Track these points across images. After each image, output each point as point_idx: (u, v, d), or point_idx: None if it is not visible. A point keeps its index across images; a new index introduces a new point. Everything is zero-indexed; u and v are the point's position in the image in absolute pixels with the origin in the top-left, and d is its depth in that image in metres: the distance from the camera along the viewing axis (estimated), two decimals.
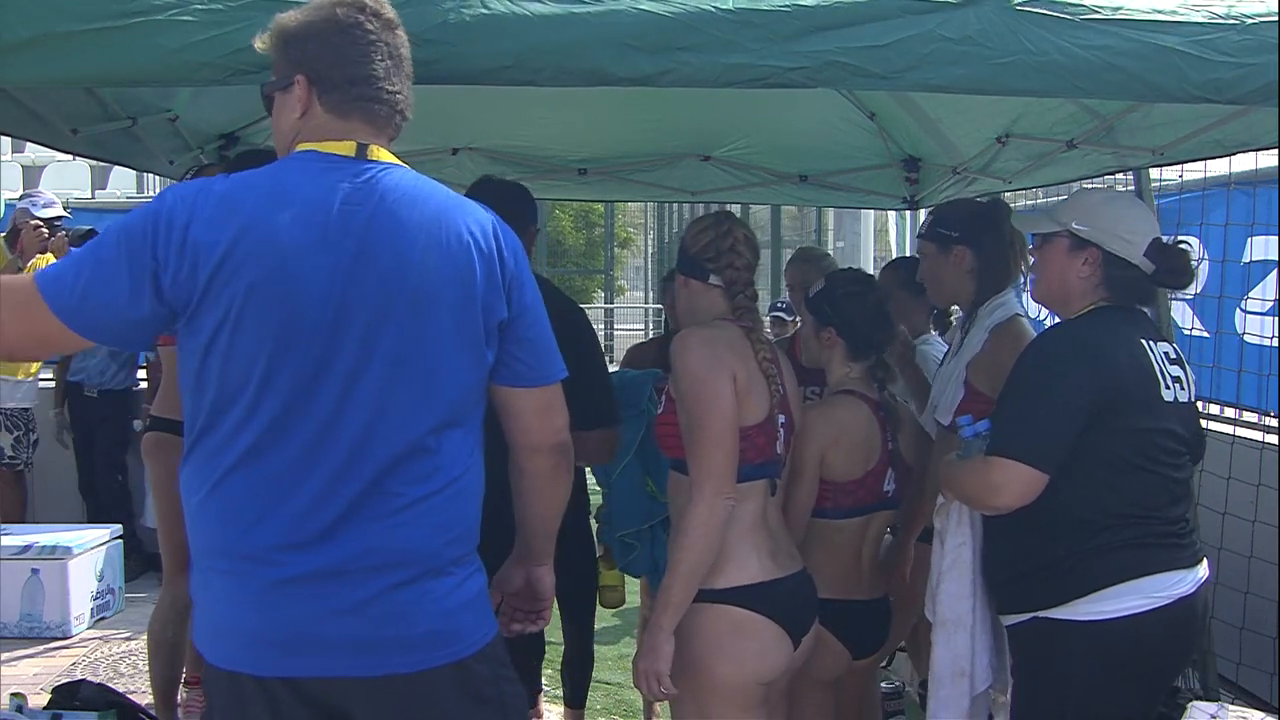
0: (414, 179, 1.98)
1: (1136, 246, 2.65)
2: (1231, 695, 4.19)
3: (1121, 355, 2.58)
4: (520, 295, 2.03)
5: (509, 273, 2.00)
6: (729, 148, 5.41)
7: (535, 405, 2.09)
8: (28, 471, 6.39)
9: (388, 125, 2.00)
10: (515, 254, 2.03)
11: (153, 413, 4.03)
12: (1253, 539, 4.24)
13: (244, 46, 2.04)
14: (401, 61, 1.99)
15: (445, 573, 1.93)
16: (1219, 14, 2.25)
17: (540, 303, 2.09)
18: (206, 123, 4.46)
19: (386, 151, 1.99)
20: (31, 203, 6.19)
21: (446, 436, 1.94)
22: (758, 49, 2.15)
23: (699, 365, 2.59)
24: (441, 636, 1.92)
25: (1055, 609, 2.57)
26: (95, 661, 5.15)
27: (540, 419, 2.10)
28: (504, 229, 2.02)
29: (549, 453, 2.13)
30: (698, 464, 2.56)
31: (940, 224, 3.33)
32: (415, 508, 1.90)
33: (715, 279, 2.74)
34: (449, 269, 1.92)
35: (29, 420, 6.35)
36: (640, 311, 21.83)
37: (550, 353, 2.10)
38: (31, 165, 11.08)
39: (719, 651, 2.58)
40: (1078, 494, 2.53)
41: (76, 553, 5.52)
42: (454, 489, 1.95)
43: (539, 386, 2.08)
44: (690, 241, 2.80)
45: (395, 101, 1.99)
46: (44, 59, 2.07)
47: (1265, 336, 4.99)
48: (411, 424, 1.90)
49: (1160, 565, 2.56)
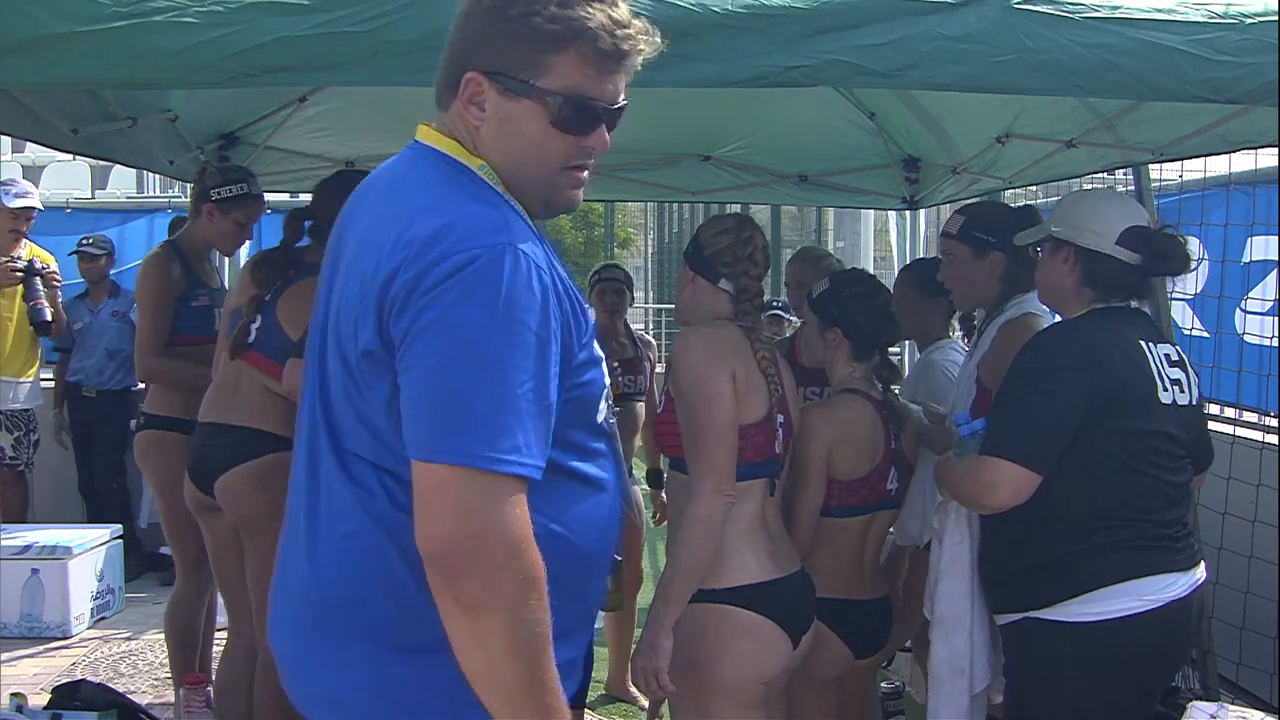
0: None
1: (1106, 237, 2.65)
2: (1231, 695, 4.19)
3: (1117, 355, 2.58)
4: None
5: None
6: (729, 148, 5.41)
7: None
8: (29, 472, 6.37)
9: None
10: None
11: (145, 409, 4.03)
12: (1253, 539, 4.24)
13: (244, 49, 2.03)
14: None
15: None
16: (1218, 13, 2.26)
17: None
18: (206, 122, 4.47)
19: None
20: (5, 191, 6.00)
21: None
22: (759, 48, 2.15)
23: (699, 364, 2.59)
24: None
25: (1046, 609, 2.57)
26: (95, 661, 5.14)
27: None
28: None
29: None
30: (697, 462, 2.56)
31: (976, 228, 3.22)
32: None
33: (726, 284, 2.73)
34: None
35: (30, 421, 6.32)
36: (640, 311, 21.83)
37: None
38: (31, 165, 11.06)
39: (719, 651, 2.58)
40: (1070, 494, 2.53)
41: (76, 553, 5.52)
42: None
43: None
44: (707, 240, 2.77)
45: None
46: (44, 60, 2.07)
47: (1265, 336, 5.00)
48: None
49: (1152, 568, 2.55)
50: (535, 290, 1.54)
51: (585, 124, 1.68)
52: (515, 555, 1.50)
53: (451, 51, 1.70)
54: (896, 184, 5.44)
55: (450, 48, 1.70)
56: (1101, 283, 2.67)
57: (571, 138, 1.68)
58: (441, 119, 1.73)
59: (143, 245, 8.05)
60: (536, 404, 1.53)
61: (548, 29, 1.61)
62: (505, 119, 1.65)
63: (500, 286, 1.51)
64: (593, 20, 1.62)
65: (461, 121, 1.69)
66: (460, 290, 1.50)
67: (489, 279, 1.51)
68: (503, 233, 1.55)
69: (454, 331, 1.50)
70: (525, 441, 1.51)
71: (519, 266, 1.53)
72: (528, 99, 1.64)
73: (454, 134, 1.70)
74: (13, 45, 2.05)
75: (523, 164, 1.68)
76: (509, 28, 1.62)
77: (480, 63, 1.65)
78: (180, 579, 4.09)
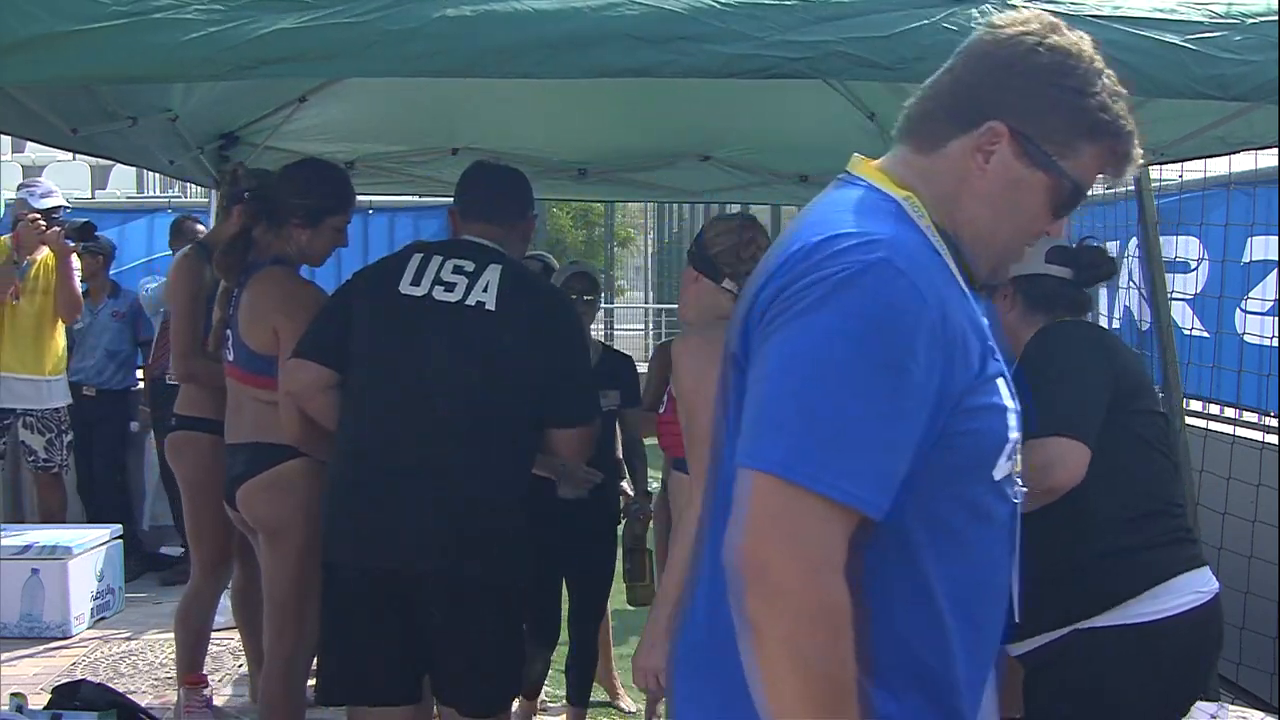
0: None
1: (1035, 258, 2.67)
2: (1231, 695, 4.19)
3: (1112, 342, 2.66)
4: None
5: None
6: (729, 148, 5.41)
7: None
8: (64, 473, 6.25)
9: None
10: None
11: (178, 411, 4.05)
12: (1253, 539, 4.23)
13: (241, 42, 2.05)
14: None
15: None
16: (1218, 13, 2.27)
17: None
18: (206, 122, 4.46)
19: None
20: (29, 193, 6.01)
21: None
22: (760, 39, 2.15)
23: (699, 364, 2.59)
24: None
25: (1097, 617, 2.48)
26: (95, 661, 5.14)
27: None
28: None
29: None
30: (697, 462, 2.56)
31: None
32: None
33: (729, 283, 2.73)
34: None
35: (61, 421, 6.14)
36: (640, 311, 21.85)
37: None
38: (31, 165, 11.11)
39: None
40: (1100, 487, 2.46)
41: (76, 553, 5.51)
42: None
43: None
44: (711, 241, 2.77)
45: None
46: (44, 59, 2.08)
47: (1265, 336, 4.99)
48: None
49: (1191, 562, 2.54)
50: (909, 315, 1.39)
51: (1067, 211, 1.62)
52: (809, 585, 1.33)
53: (968, 90, 1.58)
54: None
55: (964, 83, 1.58)
56: (1044, 302, 2.70)
57: (1052, 220, 1.62)
58: (896, 153, 1.65)
59: (142, 245, 8.08)
60: (882, 434, 1.38)
61: (1097, 116, 1.54)
62: (1012, 182, 1.55)
63: (865, 299, 1.38)
64: (1128, 125, 1.56)
65: (942, 161, 1.58)
66: (818, 295, 1.39)
67: (855, 289, 1.38)
68: (884, 249, 1.42)
69: (803, 337, 1.39)
70: (857, 469, 1.36)
71: (895, 285, 1.39)
72: (1043, 172, 1.55)
73: (888, 168, 1.63)
74: (13, 45, 2.06)
75: (1002, 229, 1.59)
76: (1058, 96, 1.53)
77: (1010, 117, 1.54)
78: (197, 578, 4.10)
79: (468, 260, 2.90)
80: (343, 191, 3.49)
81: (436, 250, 2.96)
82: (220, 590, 4.20)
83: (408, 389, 2.84)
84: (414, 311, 2.85)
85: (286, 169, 3.56)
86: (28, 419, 6.06)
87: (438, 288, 2.86)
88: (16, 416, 6.05)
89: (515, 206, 3.10)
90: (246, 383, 3.36)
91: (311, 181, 3.46)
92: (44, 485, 6.22)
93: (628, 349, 5.34)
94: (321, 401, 2.95)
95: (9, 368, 5.96)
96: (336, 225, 3.44)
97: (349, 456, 2.91)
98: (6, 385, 5.96)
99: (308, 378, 2.95)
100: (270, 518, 3.33)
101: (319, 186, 3.45)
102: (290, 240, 3.41)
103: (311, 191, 3.42)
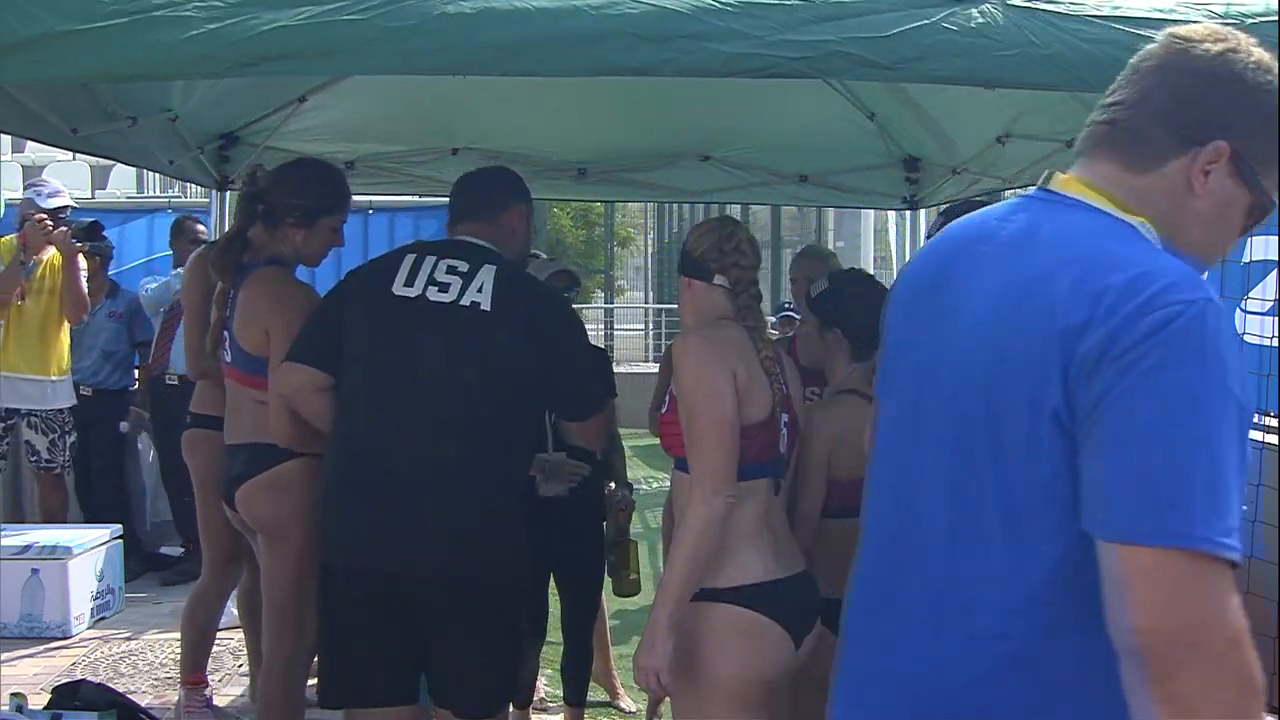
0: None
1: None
2: None
3: None
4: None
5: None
6: (729, 148, 5.41)
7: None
8: (66, 474, 6.25)
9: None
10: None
11: (192, 409, 4.07)
12: (1252, 539, 4.23)
13: (240, 39, 2.06)
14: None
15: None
16: (1218, 13, 2.26)
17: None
18: (206, 122, 4.46)
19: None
20: (36, 192, 5.99)
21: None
22: (760, 38, 2.16)
23: (699, 363, 2.60)
24: None
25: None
26: (95, 661, 5.14)
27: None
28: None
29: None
30: (697, 461, 2.56)
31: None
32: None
33: (720, 279, 2.75)
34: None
35: (65, 422, 6.14)
36: (640, 311, 21.85)
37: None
38: (31, 165, 11.10)
39: (721, 651, 2.58)
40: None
41: (76, 553, 5.51)
42: None
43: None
44: (694, 244, 2.81)
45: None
46: (44, 58, 2.08)
47: (1265, 336, 4.99)
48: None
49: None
50: (1234, 350, 1.39)
51: (1252, 232, 1.62)
52: (1236, 649, 1.34)
53: (1191, 108, 1.53)
54: (897, 184, 5.45)
55: (1184, 101, 1.54)
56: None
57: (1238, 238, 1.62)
58: (1100, 171, 1.56)
59: (142, 245, 8.07)
60: (1239, 478, 1.38)
61: None
62: (1226, 202, 1.53)
63: (1205, 347, 1.36)
64: None
65: (1160, 182, 1.53)
66: (1165, 352, 1.35)
67: (1195, 338, 1.35)
68: (1200, 287, 1.39)
69: (1162, 399, 1.35)
70: (1236, 523, 1.36)
71: (1220, 325, 1.38)
72: (1249, 192, 1.54)
73: (1104, 188, 1.55)
74: (13, 44, 2.06)
75: (1214, 250, 1.58)
76: (1269, 115, 1.53)
77: (1234, 138, 1.51)
78: (207, 577, 4.11)
79: (461, 260, 2.91)
80: (338, 191, 3.49)
81: (430, 250, 2.96)
82: (229, 590, 4.20)
83: (403, 390, 2.84)
84: (408, 312, 2.86)
85: (282, 169, 3.55)
86: (32, 419, 6.06)
87: (431, 288, 2.86)
88: (21, 417, 6.05)
89: (498, 197, 3.09)
90: (244, 383, 3.36)
91: (308, 181, 3.46)
92: (45, 485, 6.22)
93: (628, 349, 5.35)
94: (315, 404, 2.95)
95: (15, 368, 5.97)
96: (332, 225, 3.44)
97: (344, 458, 2.91)
98: (12, 385, 5.96)
99: (299, 380, 2.95)
100: (269, 518, 3.33)
101: (314, 187, 3.45)
102: (286, 240, 3.40)
103: (307, 192, 3.41)
